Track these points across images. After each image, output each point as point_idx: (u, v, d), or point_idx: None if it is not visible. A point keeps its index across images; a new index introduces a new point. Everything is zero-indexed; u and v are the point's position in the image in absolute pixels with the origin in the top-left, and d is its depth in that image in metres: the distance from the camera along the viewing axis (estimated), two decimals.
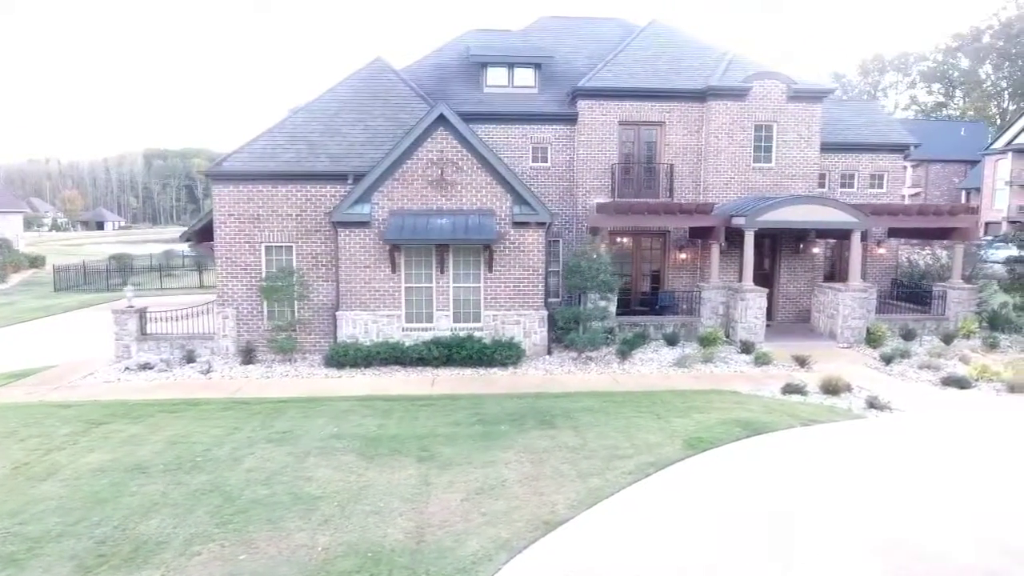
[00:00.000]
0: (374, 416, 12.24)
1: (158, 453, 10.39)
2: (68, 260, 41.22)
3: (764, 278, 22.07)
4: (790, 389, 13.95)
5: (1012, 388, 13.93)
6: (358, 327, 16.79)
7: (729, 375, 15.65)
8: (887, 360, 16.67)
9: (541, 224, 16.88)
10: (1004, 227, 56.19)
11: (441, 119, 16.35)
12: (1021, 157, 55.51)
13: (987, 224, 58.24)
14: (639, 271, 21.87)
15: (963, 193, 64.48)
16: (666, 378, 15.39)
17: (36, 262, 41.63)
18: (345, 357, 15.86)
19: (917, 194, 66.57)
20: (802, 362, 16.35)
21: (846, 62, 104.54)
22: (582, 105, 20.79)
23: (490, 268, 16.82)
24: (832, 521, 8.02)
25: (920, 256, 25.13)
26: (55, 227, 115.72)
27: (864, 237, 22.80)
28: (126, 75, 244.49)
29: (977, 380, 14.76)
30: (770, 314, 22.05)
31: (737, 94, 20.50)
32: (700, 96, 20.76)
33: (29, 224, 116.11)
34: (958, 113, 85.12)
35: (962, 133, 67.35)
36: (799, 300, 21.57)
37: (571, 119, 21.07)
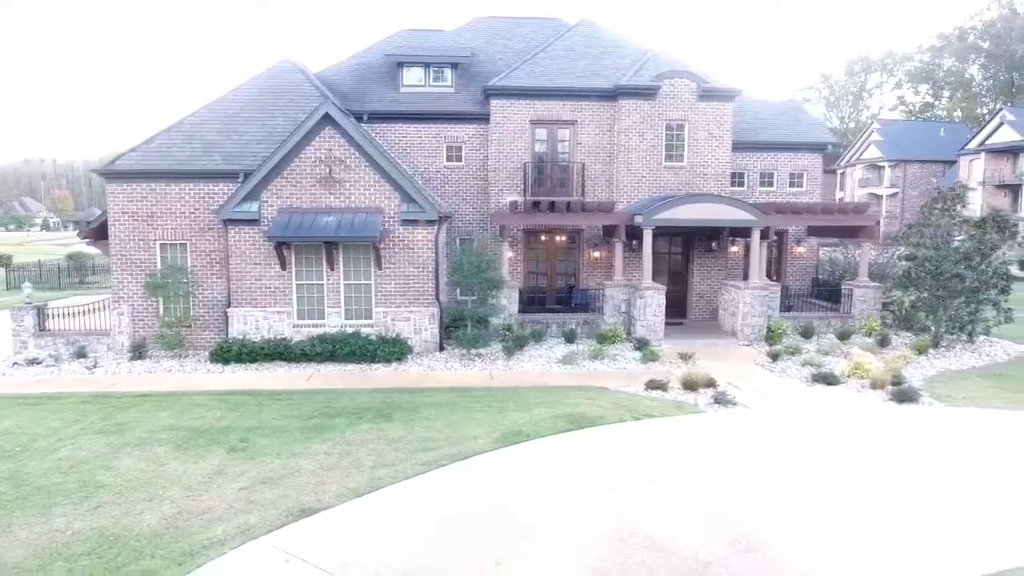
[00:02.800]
0: (221, 409, 12.43)
1: None
2: (32, 259, 41.67)
3: (679, 276, 22.21)
4: (653, 385, 14.03)
5: (874, 385, 13.97)
6: (249, 324, 16.99)
7: (609, 372, 15.75)
8: (774, 357, 16.75)
9: (430, 222, 17.03)
10: None
11: (327, 118, 16.53)
12: (994, 158, 55.34)
13: None
14: (554, 270, 22.00)
15: (938, 194, 64.18)
16: (543, 375, 15.51)
17: (2, 260, 42.07)
18: (229, 353, 16.07)
19: (895, 194, 66.41)
20: (687, 359, 16.44)
21: (840, 62, 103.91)
22: (494, 104, 20.94)
23: (379, 265, 16.99)
24: (572, 514, 8.13)
25: (844, 255, 25.12)
26: (45, 227, 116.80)
27: (779, 236, 23.03)
28: (125, 75, 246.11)
29: (848, 377, 14.81)
30: (684, 312, 22.21)
31: (647, 93, 20.60)
32: (611, 95, 20.89)
33: (21, 224, 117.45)
34: (944, 114, 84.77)
35: (941, 133, 67.11)
36: (712, 299, 21.63)
37: (485, 118, 21.23)
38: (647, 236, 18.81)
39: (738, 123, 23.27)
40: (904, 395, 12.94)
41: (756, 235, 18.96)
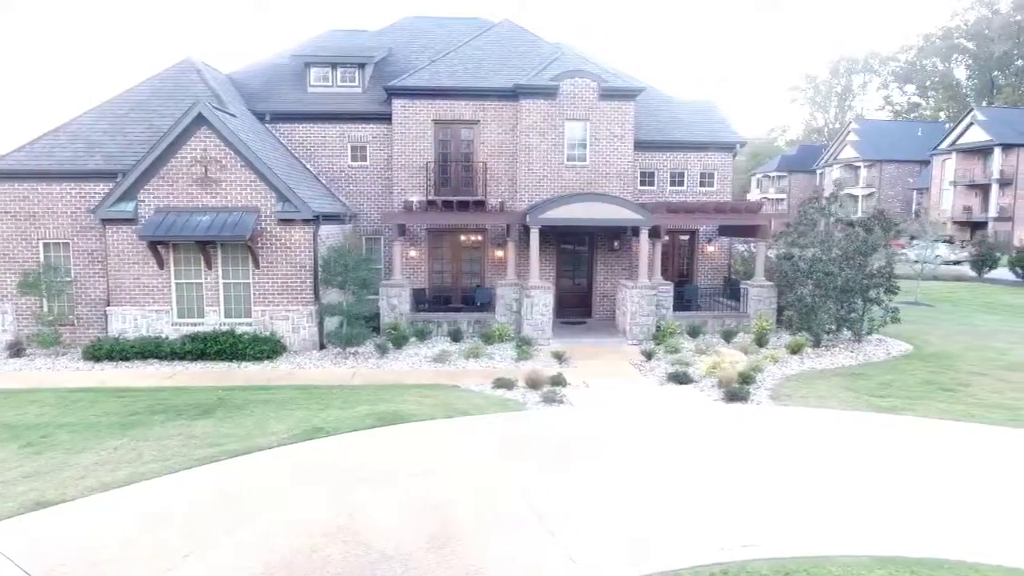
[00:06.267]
0: (52, 406, 12.57)
1: None
2: None
3: (584, 276, 22.23)
4: (499, 384, 14.06)
5: (721, 383, 13.94)
6: (128, 322, 17.15)
7: (477, 370, 15.77)
8: (649, 356, 16.77)
9: (307, 221, 17.13)
10: (949, 227, 55.63)
11: (200, 118, 16.66)
12: (965, 158, 55.06)
13: (934, 224, 57.59)
14: (460, 269, 22.06)
15: (914, 193, 63.87)
16: (408, 373, 15.59)
17: None
18: (100, 351, 16.22)
19: (871, 195, 66.05)
20: (561, 358, 16.46)
21: (826, 62, 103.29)
22: (396, 104, 21.04)
23: (257, 265, 17.11)
24: (293, 507, 8.21)
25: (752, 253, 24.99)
26: None
27: (690, 235, 23.02)
28: (125, 75, 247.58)
29: (705, 376, 14.79)
30: (590, 312, 22.25)
31: (547, 93, 20.63)
32: (513, 95, 20.92)
33: None
34: (929, 114, 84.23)
35: (919, 134, 66.78)
36: (615, 298, 21.62)
37: (390, 118, 21.31)
38: (534, 235, 18.85)
39: (651, 122, 23.32)
40: (734, 395, 12.93)
41: (644, 234, 18.96)
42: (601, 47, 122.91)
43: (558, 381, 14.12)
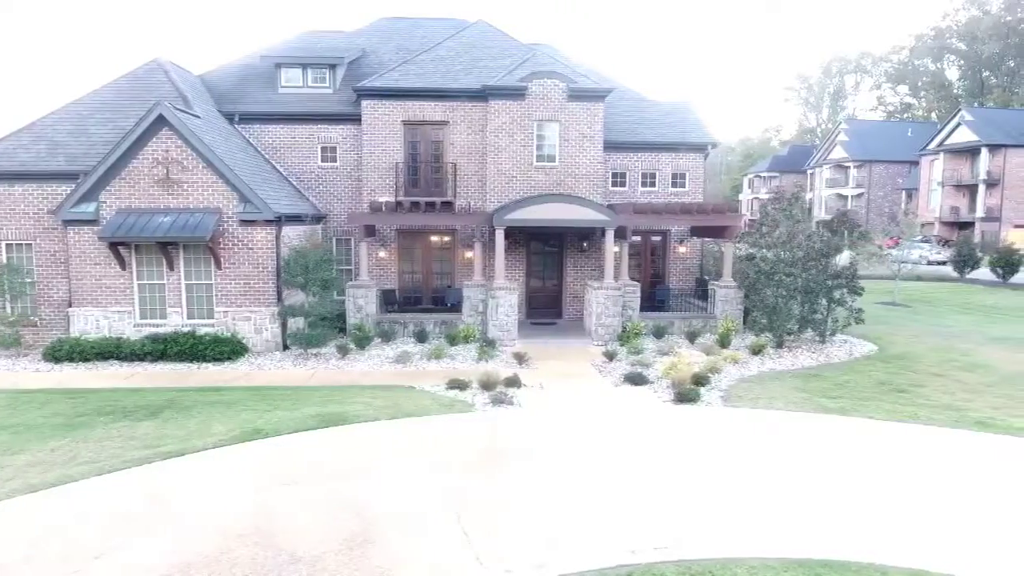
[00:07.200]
0: None
1: None
2: None
3: (554, 277, 22.23)
4: (453, 385, 14.04)
5: (674, 384, 13.94)
6: (90, 323, 17.15)
7: (436, 371, 15.75)
8: (610, 357, 16.77)
9: (269, 222, 17.13)
10: (937, 228, 55.69)
11: (161, 119, 16.65)
12: (953, 158, 55.07)
13: (923, 224, 57.67)
14: (431, 269, 22.06)
15: (903, 193, 63.89)
16: (366, 375, 15.58)
17: None
18: (60, 352, 16.22)
19: (860, 195, 66.07)
20: (521, 360, 16.47)
21: (818, 62, 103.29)
22: (365, 105, 21.03)
23: (219, 265, 17.11)
24: (215, 510, 8.21)
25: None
26: None
27: (662, 235, 23.03)
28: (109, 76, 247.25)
29: (662, 377, 14.79)
30: (560, 313, 22.26)
31: (515, 94, 20.64)
32: (483, 96, 20.92)
33: None
34: (921, 114, 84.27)
35: (909, 134, 66.80)
36: (584, 299, 21.61)
37: (360, 119, 21.30)
38: (499, 236, 18.85)
39: (623, 123, 23.35)
40: (683, 396, 12.93)
41: (610, 235, 18.96)
42: (598, 49, 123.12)
43: (512, 382, 14.12)
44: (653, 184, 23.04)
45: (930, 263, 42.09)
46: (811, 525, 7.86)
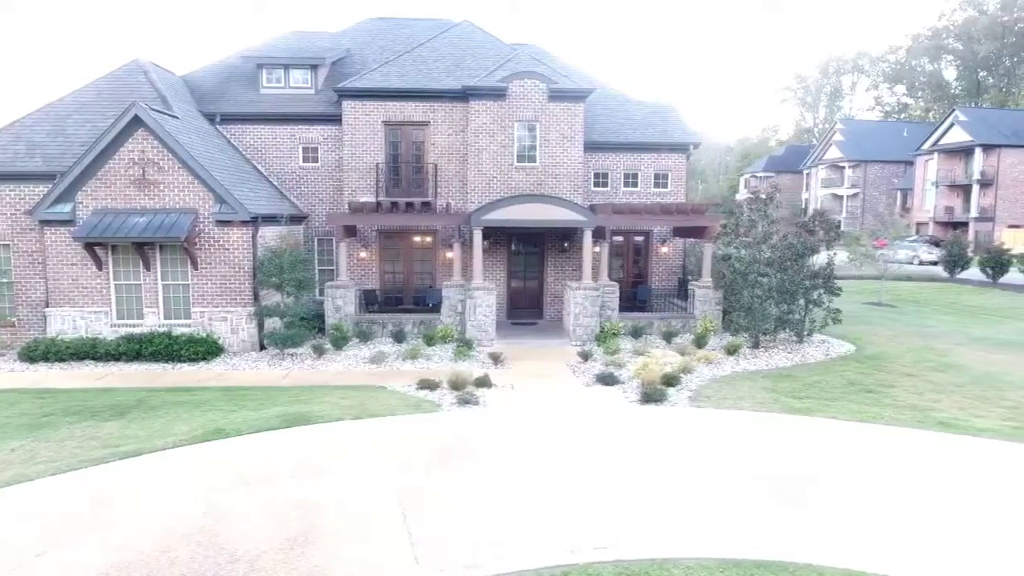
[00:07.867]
0: None
1: None
2: None
3: (535, 277, 22.25)
4: (424, 385, 14.08)
5: (643, 384, 13.94)
6: (67, 323, 17.21)
7: (410, 371, 15.77)
8: (585, 358, 16.78)
9: (245, 223, 17.17)
10: (931, 228, 55.65)
11: (137, 120, 16.69)
12: (947, 158, 54.99)
13: (918, 224, 57.62)
14: (412, 270, 22.09)
15: (899, 193, 63.81)
16: (340, 375, 15.61)
17: None
18: (36, 352, 16.28)
19: (855, 195, 65.99)
20: (496, 360, 16.49)
21: (816, 62, 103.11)
22: (346, 105, 21.06)
23: (196, 266, 17.15)
24: (162, 511, 8.25)
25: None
26: None
27: (644, 236, 23.05)
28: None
29: (632, 378, 14.80)
30: (541, 313, 22.28)
31: (496, 94, 20.65)
32: (463, 96, 20.95)
33: None
34: (919, 114, 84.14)
35: (905, 134, 66.67)
36: (563, 299, 21.62)
37: (341, 119, 21.33)
38: (477, 237, 18.87)
39: (605, 124, 23.36)
40: (649, 396, 12.95)
41: (587, 235, 18.98)
42: (593, 49, 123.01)
43: (482, 382, 14.15)
44: (635, 184, 23.05)
45: (922, 263, 42.07)
46: (752, 526, 7.87)
